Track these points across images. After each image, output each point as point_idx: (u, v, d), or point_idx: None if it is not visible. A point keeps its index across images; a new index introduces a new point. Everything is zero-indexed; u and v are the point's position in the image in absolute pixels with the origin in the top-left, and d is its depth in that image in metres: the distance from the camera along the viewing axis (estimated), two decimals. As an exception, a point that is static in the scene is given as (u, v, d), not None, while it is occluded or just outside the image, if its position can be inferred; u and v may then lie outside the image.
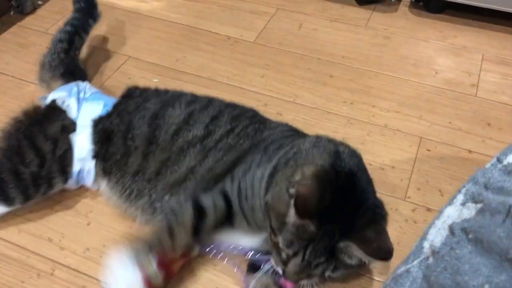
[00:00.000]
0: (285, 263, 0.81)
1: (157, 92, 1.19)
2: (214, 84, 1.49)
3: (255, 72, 1.53)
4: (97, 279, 1.02)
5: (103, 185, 1.12)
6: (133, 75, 1.51)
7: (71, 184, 1.11)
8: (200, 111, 1.10)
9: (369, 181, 0.86)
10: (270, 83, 1.50)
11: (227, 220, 0.94)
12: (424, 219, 1.15)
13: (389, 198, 1.18)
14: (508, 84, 1.50)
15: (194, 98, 1.15)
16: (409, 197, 1.19)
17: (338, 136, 1.33)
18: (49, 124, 1.10)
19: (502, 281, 0.44)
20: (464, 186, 0.61)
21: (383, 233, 0.78)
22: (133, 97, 1.16)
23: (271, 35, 1.67)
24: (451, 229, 0.53)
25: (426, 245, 0.55)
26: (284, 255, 0.80)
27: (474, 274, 0.46)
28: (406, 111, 1.41)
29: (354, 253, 0.75)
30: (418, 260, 0.54)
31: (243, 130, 1.06)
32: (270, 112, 1.39)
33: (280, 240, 0.79)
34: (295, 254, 0.78)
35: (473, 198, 0.56)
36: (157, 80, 1.50)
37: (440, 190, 1.21)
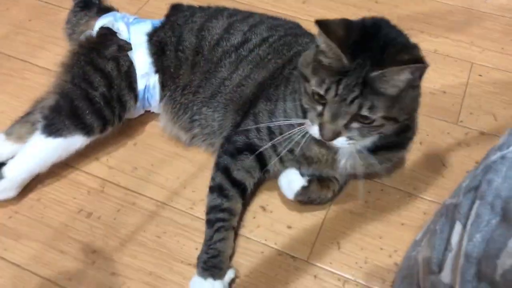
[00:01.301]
0: (320, 114, 0.80)
1: (201, 7, 1.16)
2: (253, 9, 1.42)
3: (296, -3, 1.47)
4: (147, 196, 1.02)
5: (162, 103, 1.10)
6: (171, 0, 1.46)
7: (138, 107, 1.09)
8: (241, 20, 1.08)
9: (400, 32, 0.83)
10: (312, 8, 1.44)
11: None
12: (477, 143, 1.11)
13: (440, 122, 1.15)
14: None
15: (236, 12, 1.14)
16: (461, 122, 1.15)
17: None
18: (105, 48, 1.07)
19: None
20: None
21: (414, 51, 0.78)
22: (181, 11, 1.14)
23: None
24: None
25: (524, 129, 0.52)
26: (319, 107, 0.79)
27: None
28: (457, 37, 1.35)
29: (389, 77, 0.73)
30: (515, 145, 0.51)
31: (276, 42, 1.03)
32: (313, 37, 1.34)
33: (313, 82, 0.78)
34: (327, 90, 0.76)
35: None
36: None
37: (493, 115, 1.17)
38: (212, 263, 0.89)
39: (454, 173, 1.06)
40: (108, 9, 1.21)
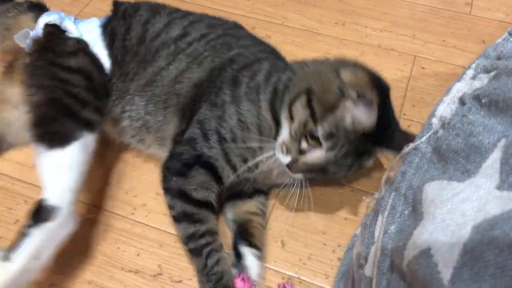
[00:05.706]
0: (302, 152, 0.81)
1: (143, 1, 1.12)
2: (198, 8, 1.40)
3: (241, -5, 1.46)
4: (86, 203, 0.99)
5: None
6: (112, 2, 1.42)
7: None
8: (181, 17, 1.06)
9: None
10: (257, 6, 1.43)
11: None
12: (419, 135, 1.12)
13: (384, 116, 1.16)
14: (502, 0, 1.45)
15: (175, 9, 1.11)
16: (404, 114, 1.16)
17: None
18: (63, 44, 0.97)
19: (520, 133, 0.41)
20: (473, 62, 0.57)
21: (408, 134, 0.85)
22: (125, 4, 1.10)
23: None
24: (462, 100, 0.50)
25: (435, 120, 0.52)
26: (304, 143, 0.80)
27: (488, 133, 0.43)
28: (400, 30, 1.37)
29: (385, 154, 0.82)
30: (427, 135, 0.51)
31: (214, 40, 1.00)
32: (258, 35, 1.33)
33: (319, 129, 0.78)
34: (331, 148, 0.78)
35: (485, 70, 0.53)
36: (138, 7, 1.41)
37: (435, 106, 1.18)
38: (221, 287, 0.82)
39: (397, 166, 1.06)
40: (41, 6, 1.09)
